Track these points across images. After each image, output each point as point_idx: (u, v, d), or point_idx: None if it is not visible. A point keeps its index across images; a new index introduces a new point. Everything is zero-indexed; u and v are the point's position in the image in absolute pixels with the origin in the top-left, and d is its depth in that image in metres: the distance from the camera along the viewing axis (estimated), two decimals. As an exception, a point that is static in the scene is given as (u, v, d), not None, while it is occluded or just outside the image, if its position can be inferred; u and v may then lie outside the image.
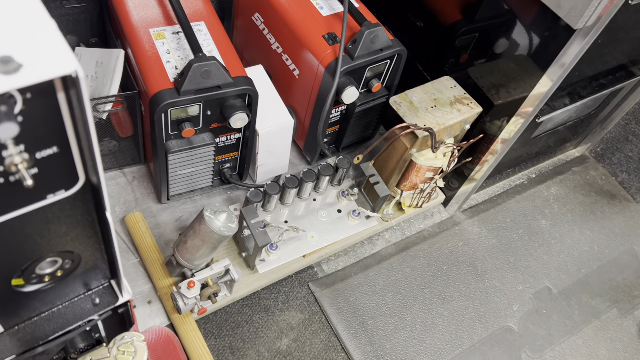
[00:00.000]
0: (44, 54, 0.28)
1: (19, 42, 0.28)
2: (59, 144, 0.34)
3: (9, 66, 0.27)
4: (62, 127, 0.33)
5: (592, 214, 1.28)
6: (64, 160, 0.35)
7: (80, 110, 0.31)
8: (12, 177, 0.33)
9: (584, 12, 0.77)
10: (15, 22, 0.29)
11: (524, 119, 0.97)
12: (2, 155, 0.31)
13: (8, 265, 0.41)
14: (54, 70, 0.28)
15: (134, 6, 0.96)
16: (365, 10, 1.08)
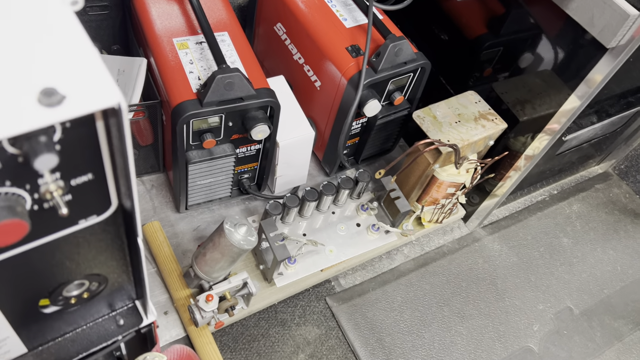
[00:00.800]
0: (87, 85, 0.27)
1: (62, 72, 0.27)
2: (94, 171, 0.33)
3: (52, 99, 0.26)
4: (99, 155, 0.32)
5: (615, 232, 1.25)
6: (98, 187, 0.35)
7: (120, 140, 0.30)
8: (47, 204, 0.33)
9: (618, 31, 0.75)
10: (57, 51, 0.28)
11: (550, 136, 0.95)
12: (37, 182, 0.30)
13: (36, 289, 0.41)
14: (98, 103, 0.27)
15: (157, 15, 0.95)
16: (390, 23, 1.07)
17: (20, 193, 0.31)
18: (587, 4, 0.78)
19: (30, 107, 0.26)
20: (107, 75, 0.28)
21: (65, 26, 0.29)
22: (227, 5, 1.02)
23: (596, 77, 0.84)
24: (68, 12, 0.30)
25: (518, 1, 0.95)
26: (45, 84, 0.27)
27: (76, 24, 0.29)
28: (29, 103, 0.26)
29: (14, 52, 0.28)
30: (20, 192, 0.31)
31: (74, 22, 0.29)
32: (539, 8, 0.91)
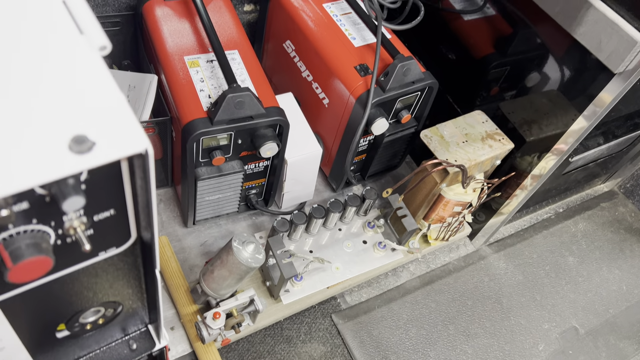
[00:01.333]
0: (116, 131, 0.28)
1: (91, 118, 0.28)
2: (116, 207, 0.34)
3: (82, 146, 0.27)
4: (122, 192, 0.33)
5: (621, 252, 1.26)
6: (119, 221, 0.35)
7: (145, 181, 0.31)
8: (69, 238, 0.33)
9: (625, 57, 0.76)
10: (86, 97, 0.29)
11: (557, 157, 0.96)
12: (62, 219, 0.31)
13: (53, 317, 0.41)
14: (126, 149, 0.28)
15: (169, 33, 0.97)
16: (397, 42, 1.08)
17: (45, 229, 0.31)
18: (595, 29, 0.79)
19: (62, 154, 0.27)
20: (135, 121, 0.29)
21: (94, 71, 0.30)
22: (237, 23, 1.03)
23: (603, 100, 0.84)
24: (96, 57, 0.31)
25: (525, 22, 0.96)
26: (75, 130, 0.27)
27: (104, 70, 0.30)
28: (60, 150, 0.27)
29: (45, 97, 0.29)
30: (45, 228, 0.31)
31: (102, 67, 0.30)
32: (546, 30, 0.91)
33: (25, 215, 0.30)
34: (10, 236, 0.30)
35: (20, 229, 0.30)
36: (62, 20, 0.31)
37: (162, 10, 0.99)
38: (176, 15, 0.99)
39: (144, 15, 1.00)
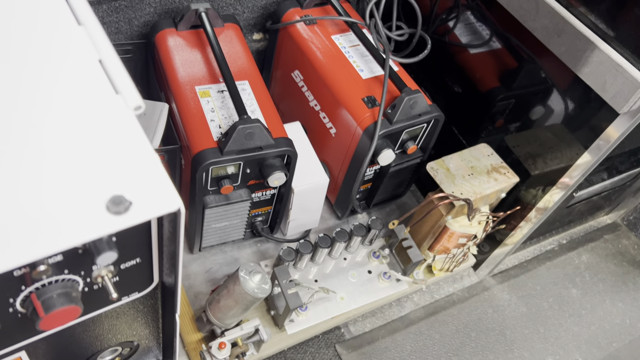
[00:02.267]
0: (150, 191, 0.29)
1: (127, 178, 0.29)
2: (142, 256, 0.35)
3: (120, 207, 0.28)
4: (149, 243, 0.34)
5: (624, 284, 1.26)
6: (144, 268, 0.36)
7: (174, 235, 0.32)
8: (96, 285, 0.34)
9: (630, 98, 0.78)
10: (122, 157, 0.30)
11: (562, 191, 0.97)
12: (91, 268, 0.32)
13: (73, 357, 0.42)
14: (161, 209, 0.29)
15: (181, 63, 0.98)
16: (404, 74, 1.09)
17: (75, 278, 0.32)
18: (600, 70, 0.81)
19: (100, 214, 0.28)
20: (168, 180, 0.30)
21: (129, 131, 0.31)
22: (247, 53, 1.05)
23: (609, 137, 0.86)
24: (131, 117, 0.32)
25: (531, 57, 0.98)
26: (112, 191, 0.28)
27: (138, 129, 0.31)
28: (98, 210, 0.28)
29: (83, 156, 0.30)
30: (75, 277, 0.32)
31: (136, 127, 0.31)
32: (551, 66, 0.93)
33: (57, 266, 0.31)
34: (42, 286, 0.31)
35: (52, 278, 0.31)
36: (98, 80, 0.33)
37: (174, 40, 1.01)
38: (188, 45, 1.01)
39: (157, 45, 1.02)
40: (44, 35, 0.34)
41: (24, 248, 0.26)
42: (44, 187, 0.29)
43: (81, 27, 0.35)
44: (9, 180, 0.29)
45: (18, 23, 0.36)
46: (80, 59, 0.33)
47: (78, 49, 0.33)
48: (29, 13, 0.36)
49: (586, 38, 0.81)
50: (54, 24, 0.34)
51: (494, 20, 1.03)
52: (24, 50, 0.34)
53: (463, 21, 1.12)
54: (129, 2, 1.03)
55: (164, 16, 1.10)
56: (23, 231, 0.27)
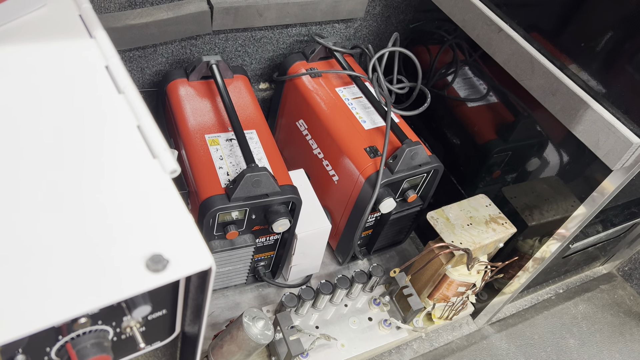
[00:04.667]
0: (185, 249, 0.32)
1: (164, 237, 0.32)
2: (168, 308, 0.37)
3: (158, 265, 0.30)
4: (176, 296, 0.36)
5: (621, 335, 1.27)
6: (169, 319, 0.38)
7: (202, 289, 0.34)
8: (124, 335, 0.36)
9: (622, 155, 0.81)
10: (159, 217, 0.33)
11: (559, 242, 0.99)
12: (122, 319, 0.34)
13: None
14: (195, 266, 0.31)
15: (192, 111, 1.02)
16: (405, 126, 1.14)
17: (107, 329, 0.34)
18: (593, 128, 0.85)
19: (140, 272, 0.30)
20: (201, 239, 0.32)
21: (165, 193, 0.34)
22: (255, 103, 1.10)
23: (603, 192, 0.89)
24: (167, 180, 0.35)
25: (527, 112, 1.02)
26: (151, 249, 0.31)
27: (174, 191, 0.34)
28: (138, 268, 0.30)
29: (123, 217, 0.32)
30: (107, 327, 0.34)
31: (172, 189, 0.34)
32: (547, 122, 0.97)
33: (93, 317, 0.33)
34: (77, 336, 0.33)
35: (87, 329, 0.33)
36: (137, 145, 0.36)
37: (185, 90, 1.06)
38: (198, 95, 1.05)
39: (168, 93, 1.06)
40: (89, 103, 0.38)
41: (72, 302, 0.28)
42: (90, 245, 0.31)
43: (121, 95, 0.38)
44: (60, 239, 0.31)
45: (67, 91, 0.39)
46: (121, 125, 0.36)
47: (119, 116, 0.37)
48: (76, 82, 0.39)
49: (579, 98, 0.86)
50: (98, 93, 0.38)
51: (491, 76, 1.09)
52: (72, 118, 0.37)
53: (461, 76, 1.17)
54: (142, 52, 1.08)
55: (175, 66, 1.15)
56: (72, 286, 0.29)
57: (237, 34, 1.16)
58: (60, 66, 0.41)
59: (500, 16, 0.99)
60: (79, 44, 0.41)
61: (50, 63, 0.41)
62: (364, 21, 1.29)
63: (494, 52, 1.00)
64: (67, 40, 0.41)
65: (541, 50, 0.93)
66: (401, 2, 1.30)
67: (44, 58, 0.41)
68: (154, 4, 1.01)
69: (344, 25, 1.28)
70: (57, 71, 0.41)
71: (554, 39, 0.92)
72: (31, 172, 0.35)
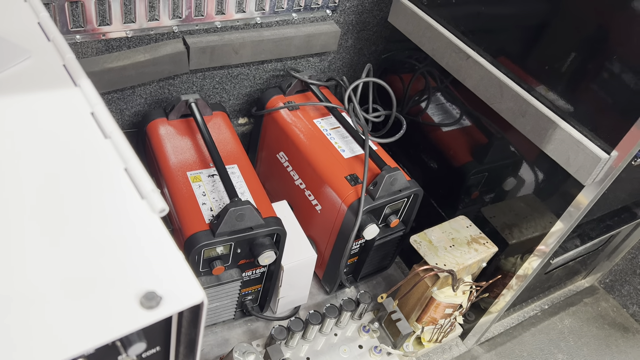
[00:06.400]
0: (177, 286, 0.32)
1: (157, 275, 0.33)
2: (162, 345, 0.37)
3: (152, 302, 0.31)
4: (169, 332, 0.36)
5: (607, 347, 1.29)
6: (162, 355, 0.39)
7: (195, 324, 0.35)
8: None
9: (592, 171, 0.85)
10: (151, 255, 0.34)
11: (539, 258, 1.02)
12: (117, 357, 0.34)
13: None
14: (187, 301, 0.32)
15: (172, 150, 1.03)
16: (383, 153, 1.16)
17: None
18: (563, 147, 0.88)
19: (135, 309, 0.31)
20: (191, 275, 0.33)
21: (155, 232, 0.35)
22: (235, 138, 1.11)
23: (577, 206, 0.92)
24: (156, 219, 0.36)
25: (500, 134, 1.05)
26: (145, 287, 0.32)
27: (163, 230, 0.35)
28: (133, 306, 0.31)
29: (117, 257, 0.33)
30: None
31: (161, 228, 0.35)
32: (519, 142, 1.00)
33: (89, 358, 0.33)
34: (73, 377, 0.33)
35: (82, 367, 0.33)
36: (126, 187, 0.37)
37: (165, 129, 1.07)
38: (179, 133, 1.07)
39: (148, 133, 1.07)
40: (77, 150, 0.39)
41: (68, 344, 0.28)
42: (84, 286, 0.32)
43: (107, 139, 0.39)
44: (54, 281, 0.32)
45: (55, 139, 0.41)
46: (109, 169, 0.38)
47: (106, 160, 0.38)
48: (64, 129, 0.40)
49: (548, 118, 0.89)
50: (85, 139, 0.39)
51: (463, 101, 1.12)
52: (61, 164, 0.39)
53: (434, 102, 1.21)
54: (121, 94, 1.10)
55: (154, 106, 1.16)
56: (67, 328, 0.29)
57: (214, 72, 1.18)
58: (48, 115, 0.42)
59: (467, 44, 1.03)
60: (65, 93, 0.43)
61: (37, 112, 0.43)
62: (337, 54, 1.33)
63: (463, 78, 1.03)
64: (53, 90, 0.43)
65: (508, 74, 0.97)
66: (372, 34, 1.34)
67: (32, 108, 0.43)
68: (131, 47, 1.03)
69: (318, 59, 1.31)
70: (45, 120, 0.42)
71: (520, 63, 0.96)
72: (24, 216, 0.36)
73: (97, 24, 0.96)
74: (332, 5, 1.22)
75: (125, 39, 1.01)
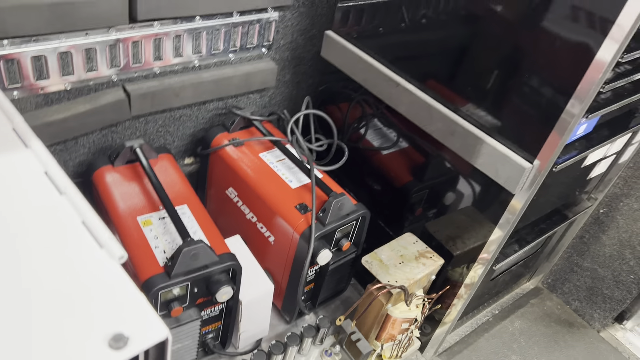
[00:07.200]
0: (142, 325, 0.35)
1: (122, 317, 0.35)
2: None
3: (120, 342, 0.33)
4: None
5: (555, 344, 1.36)
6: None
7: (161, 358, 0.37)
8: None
9: (519, 180, 0.92)
10: (114, 299, 0.36)
11: (483, 266, 1.08)
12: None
13: None
14: (152, 339, 0.34)
15: (121, 197, 1.04)
16: (329, 180, 1.21)
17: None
18: (490, 160, 0.95)
19: (104, 352, 0.33)
20: (155, 314, 0.35)
21: (116, 277, 0.37)
22: (182, 178, 1.13)
23: (512, 211, 0.99)
24: (116, 265, 0.38)
25: (435, 152, 1.12)
26: (112, 329, 0.34)
27: (124, 275, 0.37)
28: (101, 348, 0.33)
29: (82, 303, 0.35)
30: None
31: (122, 273, 0.37)
32: (453, 158, 1.07)
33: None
34: None
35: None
36: (84, 239, 0.39)
37: (112, 176, 1.07)
38: (126, 179, 1.08)
39: (95, 182, 1.08)
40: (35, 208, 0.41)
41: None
42: (55, 334, 0.33)
43: (62, 195, 0.41)
44: (25, 333, 0.34)
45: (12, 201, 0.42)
46: (67, 224, 0.40)
47: (64, 215, 0.40)
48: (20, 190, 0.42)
49: (475, 135, 0.97)
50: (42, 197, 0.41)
51: (398, 124, 1.19)
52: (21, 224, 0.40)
53: (372, 128, 1.27)
54: (64, 145, 1.10)
55: (98, 155, 1.16)
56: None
57: (157, 116, 1.20)
58: (3, 178, 0.44)
59: (396, 72, 1.10)
60: (17, 155, 0.44)
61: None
62: (276, 89, 1.38)
63: (395, 104, 1.10)
64: (5, 154, 0.44)
65: (436, 97, 1.04)
66: (308, 68, 1.40)
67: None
68: (70, 99, 1.04)
69: (259, 95, 1.36)
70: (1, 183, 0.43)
71: (445, 86, 1.04)
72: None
73: (34, 79, 0.97)
74: (266, 43, 1.27)
75: (65, 92, 1.02)
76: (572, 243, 1.42)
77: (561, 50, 0.83)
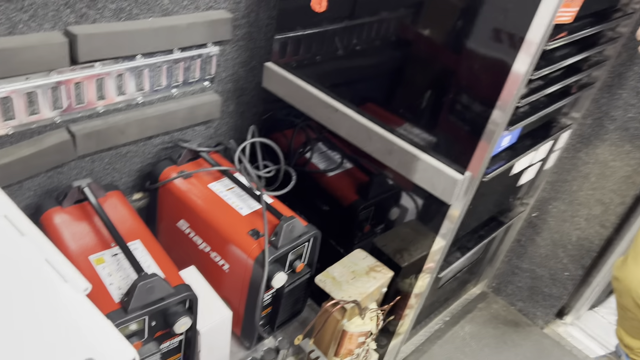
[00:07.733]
0: (111, 348, 0.37)
1: (92, 343, 0.37)
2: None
3: None
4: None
5: (504, 344, 1.44)
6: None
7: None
8: None
9: (453, 191, 0.99)
10: (83, 327, 0.38)
11: (429, 274, 1.14)
12: None
13: None
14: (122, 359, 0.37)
15: (71, 237, 1.04)
16: (279, 204, 1.25)
17: None
18: (426, 175, 1.03)
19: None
20: (121, 337, 0.38)
21: (83, 307, 0.39)
22: (133, 213, 1.14)
23: (451, 220, 1.06)
24: (82, 296, 0.40)
25: (377, 171, 1.18)
26: (84, 355, 0.36)
27: (90, 304, 0.40)
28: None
29: (53, 333, 0.37)
30: None
31: (88, 303, 0.40)
32: (394, 175, 1.14)
33: None
34: None
35: None
36: (49, 275, 0.41)
37: (60, 217, 1.07)
38: (75, 219, 1.08)
39: (43, 224, 1.07)
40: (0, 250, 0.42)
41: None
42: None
43: (24, 237, 0.43)
44: None
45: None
46: (32, 262, 0.42)
47: (28, 255, 0.42)
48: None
49: (410, 153, 1.04)
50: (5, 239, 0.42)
51: (341, 147, 1.25)
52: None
53: (317, 151, 1.33)
54: (8, 190, 1.08)
55: (44, 197, 1.15)
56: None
57: (103, 154, 1.21)
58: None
59: (334, 97, 1.17)
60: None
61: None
62: (221, 120, 1.42)
63: (336, 128, 1.16)
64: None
65: (373, 119, 1.11)
66: (251, 98, 1.45)
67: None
68: (13, 144, 1.04)
69: (204, 127, 1.39)
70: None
71: (381, 108, 1.10)
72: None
73: (-26, 125, 0.97)
74: (208, 77, 1.31)
75: (7, 137, 1.02)
76: (510, 247, 1.51)
77: (483, 67, 0.92)
